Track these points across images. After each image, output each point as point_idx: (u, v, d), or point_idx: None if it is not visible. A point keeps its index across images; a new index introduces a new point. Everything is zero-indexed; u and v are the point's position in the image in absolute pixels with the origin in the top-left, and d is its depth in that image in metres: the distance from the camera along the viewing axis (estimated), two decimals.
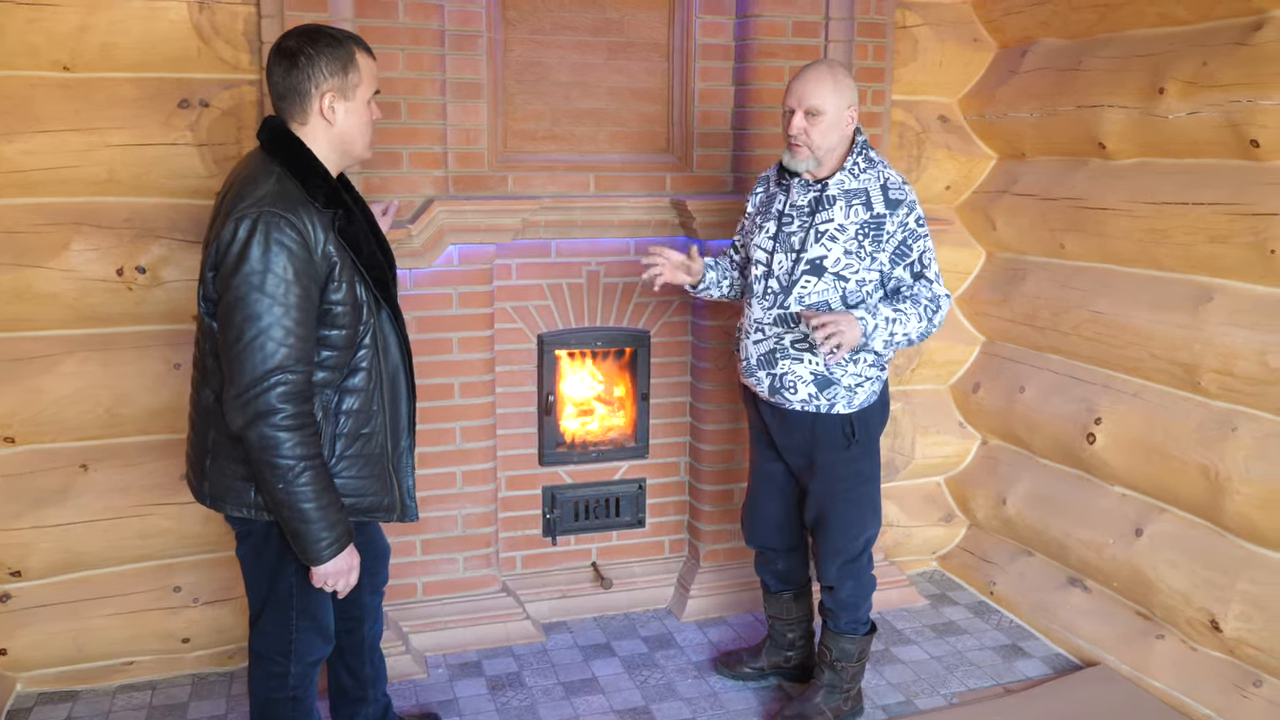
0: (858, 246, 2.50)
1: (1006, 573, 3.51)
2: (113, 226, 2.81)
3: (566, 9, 3.18)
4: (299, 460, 1.94)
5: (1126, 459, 3.03)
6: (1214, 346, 2.75)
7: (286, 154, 2.03)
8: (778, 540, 2.87)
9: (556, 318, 3.30)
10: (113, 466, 2.88)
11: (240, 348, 1.91)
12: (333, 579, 2.08)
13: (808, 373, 2.57)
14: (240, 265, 1.90)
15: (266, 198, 1.93)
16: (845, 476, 2.66)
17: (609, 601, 3.43)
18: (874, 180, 2.53)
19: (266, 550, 2.12)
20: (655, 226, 3.28)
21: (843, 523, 2.68)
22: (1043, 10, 3.23)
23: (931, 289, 2.51)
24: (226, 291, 1.92)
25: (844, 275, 2.51)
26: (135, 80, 2.79)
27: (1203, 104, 2.72)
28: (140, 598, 2.95)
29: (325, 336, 2.02)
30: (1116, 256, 3.08)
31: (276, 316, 1.90)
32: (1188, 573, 2.84)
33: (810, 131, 2.48)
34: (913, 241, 2.51)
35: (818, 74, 2.50)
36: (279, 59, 2.03)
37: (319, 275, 1.97)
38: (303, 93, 2.02)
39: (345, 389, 2.09)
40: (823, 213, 2.53)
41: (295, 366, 1.93)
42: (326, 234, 1.98)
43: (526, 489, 3.37)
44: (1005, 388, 3.48)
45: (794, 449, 2.70)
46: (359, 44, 2.09)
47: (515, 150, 3.21)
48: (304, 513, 1.97)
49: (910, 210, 2.51)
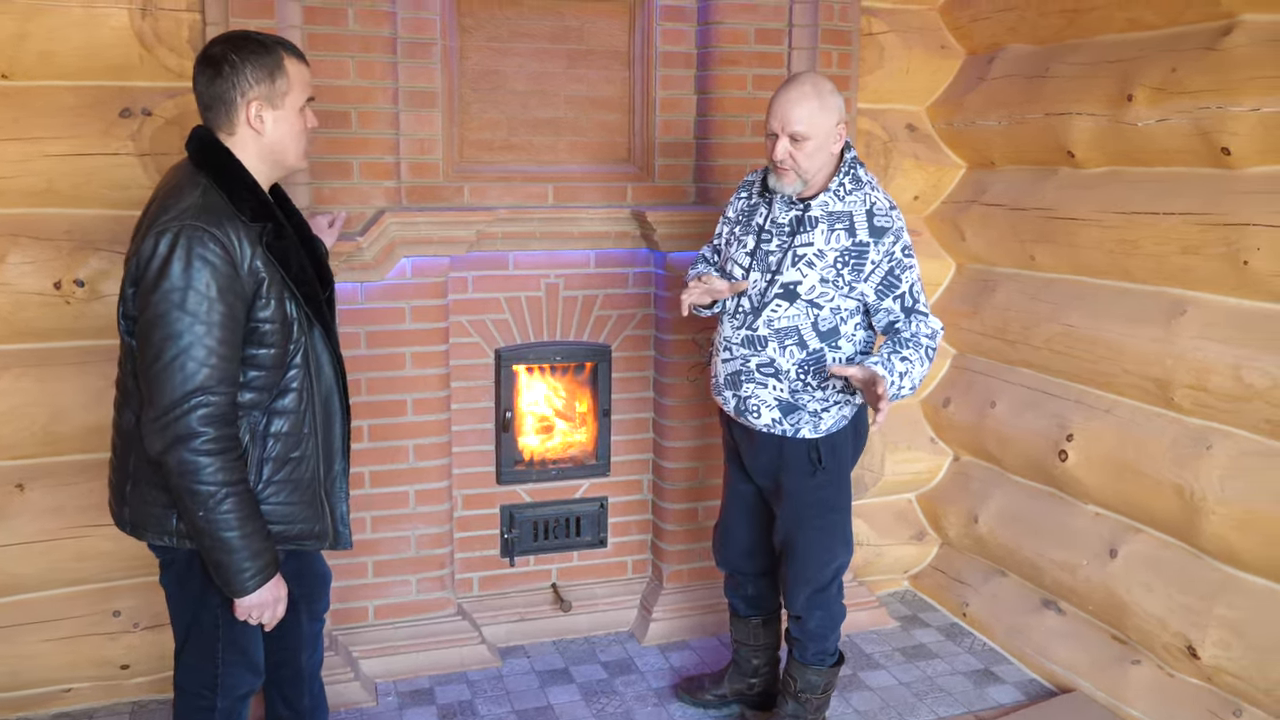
0: (835, 275, 2.37)
1: (980, 593, 3.41)
2: (51, 238, 2.74)
3: (525, 16, 3.11)
4: (220, 486, 1.86)
5: (1099, 477, 2.94)
6: (1187, 361, 2.67)
7: (213, 165, 1.95)
8: (748, 564, 2.77)
9: (515, 332, 3.22)
10: (49, 486, 2.80)
11: (159, 368, 1.82)
12: (257, 611, 1.98)
13: (771, 397, 2.47)
14: (160, 281, 1.82)
15: (190, 211, 1.85)
16: (811, 504, 2.55)
17: (569, 625, 3.33)
18: (860, 204, 2.39)
19: (189, 580, 2.03)
20: (616, 238, 3.21)
21: (810, 551, 2.58)
22: (1010, 16, 3.17)
23: (928, 322, 2.38)
24: (146, 309, 1.84)
25: (818, 303, 2.39)
26: (75, 88, 2.72)
27: (1172, 111, 2.65)
28: (78, 622, 2.86)
29: (252, 356, 1.93)
30: (1088, 268, 3.00)
31: (198, 335, 1.82)
32: (1163, 596, 2.74)
33: (796, 156, 2.34)
34: (901, 272, 2.37)
35: (801, 93, 2.32)
36: (203, 67, 1.95)
37: (245, 292, 1.88)
38: (228, 101, 1.94)
39: (274, 411, 2.00)
40: (803, 234, 2.40)
41: (218, 388, 1.84)
42: (254, 249, 1.90)
43: (483, 508, 3.28)
44: (976, 402, 3.39)
45: (761, 471, 2.60)
46: (289, 50, 2.00)
47: (471, 160, 3.13)
48: (226, 542, 1.88)
49: (897, 239, 2.37)
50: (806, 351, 2.41)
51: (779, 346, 2.42)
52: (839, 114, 2.37)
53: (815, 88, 2.34)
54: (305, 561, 2.29)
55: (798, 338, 2.41)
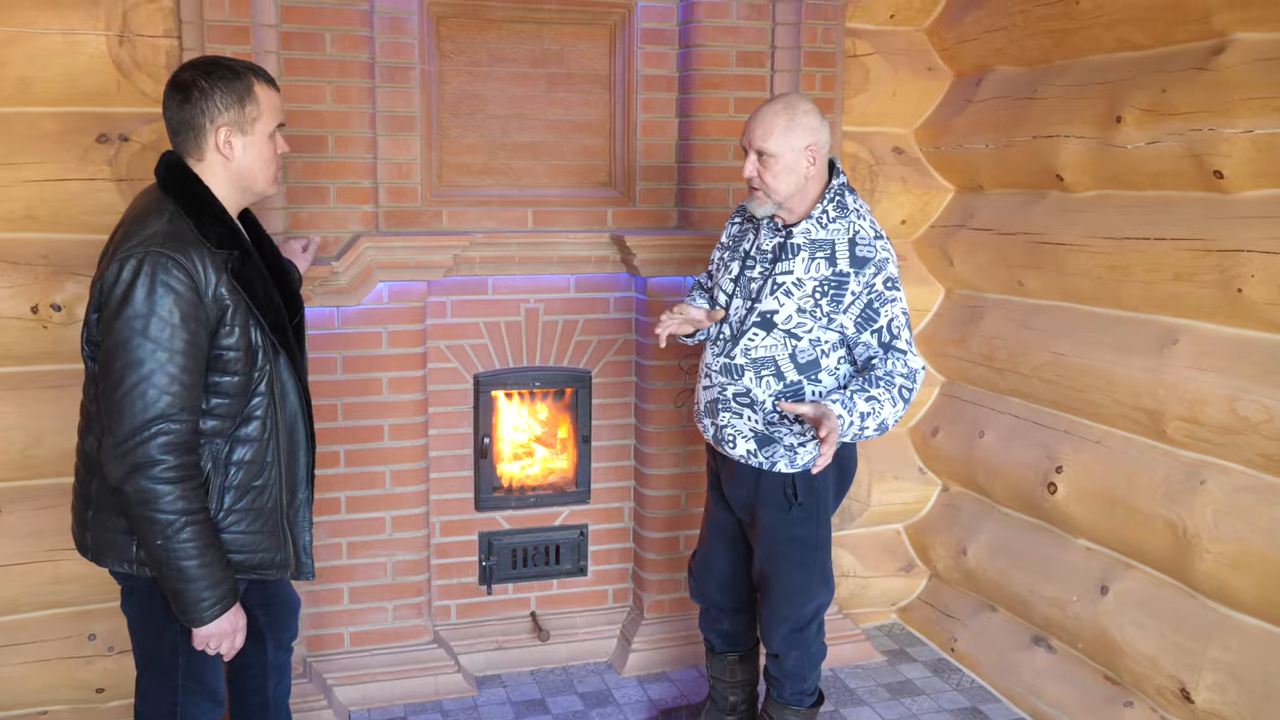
0: (813, 305, 2.28)
1: (968, 628, 3.31)
2: (29, 263, 2.75)
3: (505, 40, 3.10)
4: (179, 515, 1.85)
5: (1089, 511, 2.84)
6: (1179, 392, 2.57)
7: (181, 191, 1.95)
8: (725, 599, 2.69)
9: (494, 357, 3.19)
10: (26, 509, 2.80)
11: (120, 395, 1.82)
12: (215, 641, 1.97)
13: (747, 428, 2.39)
14: (123, 308, 1.82)
15: (155, 237, 1.85)
16: (787, 540, 2.45)
17: (547, 654, 3.28)
18: (843, 232, 2.29)
19: (149, 608, 2.02)
20: (596, 263, 3.17)
21: (787, 588, 2.49)
22: (998, 37, 3.10)
23: (905, 361, 2.26)
24: (108, 335, 1.84)
25: (795, 334, 2.30)
26: (54, 115, 2.74)
27: (1162, 133, 2.57)
28: (53, 645, 2.85)
29: (216, 383, 1.93)
30: (1077, 295, 2.91)
31: (160, 362, 1.82)
32: (1156, 636, 2.64)
33: (763, 175, 2.28)
34: (880, 305, 2.26)
35: (771, 112, 2.28)
36: (172, 92, 1.96)
37: (209, 319, 1.88)
38: (197, 127, 1.95)
39: (237, 439, 1.99)
40: (784, 262, 2.32)
41: (179, 415, 1.84)
42: (219, 275, 1.89)
43: (462, 535, 3.24)
44: (965, 432, 3.30)
45: (739, 502, 2.53)
46: (259, 75, 2.01)
47: (450, 185, 3.12)
48: (184, 571, 1.87)
49: (879, 270, 2.27)
50: (784, 383, 2.34)
51: (755, 376, 2.35)
52: (811, 136, 2.27)
53: (788, 106, 2.28)
54: (273, 589, 2.27)
55: (774, 368, 2.34)
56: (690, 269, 3.12)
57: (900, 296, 2.30)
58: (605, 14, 3.13)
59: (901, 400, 2.24)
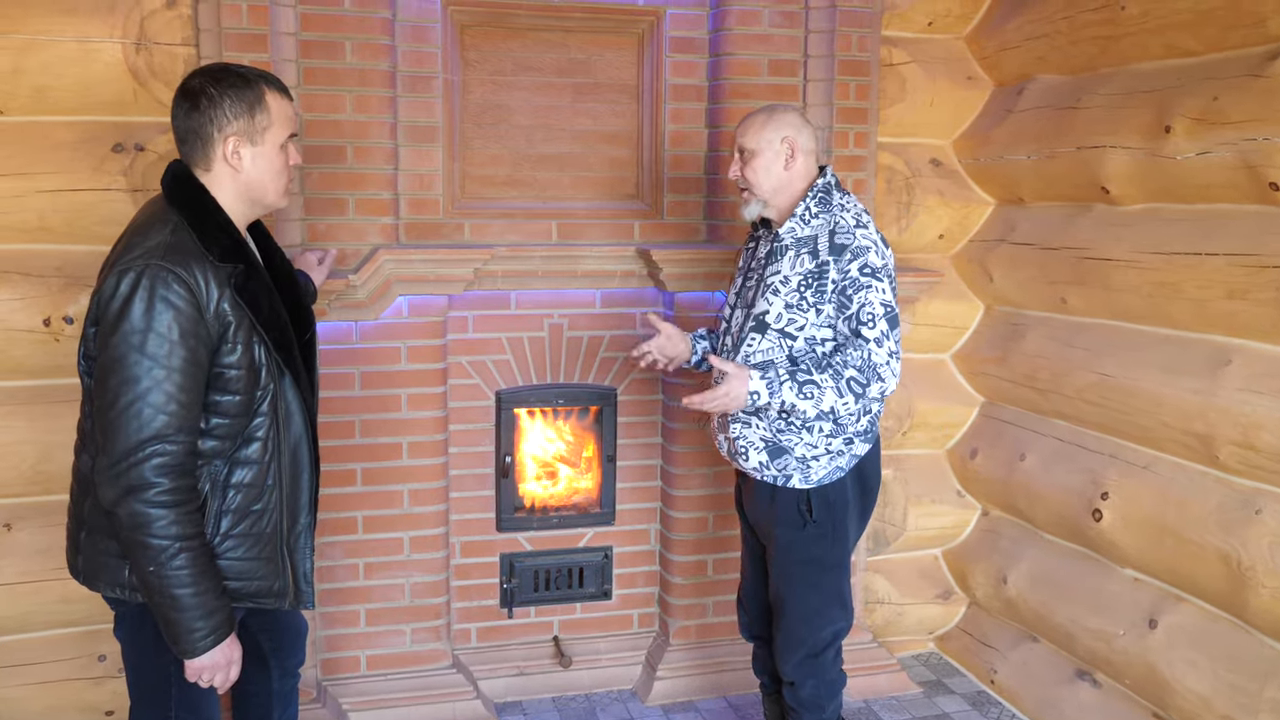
0: (799, 299, 2.27)
1: (1008, 660, 3.17)
2: (42, 275, 2.71)
3: (530, 49, 3.02)
4: (173, 540, 1.76)
5: (1137, 540, 2.71)
6: (1232, 415, 2.45)
7: (185, 202, 1.87)
8: (770, 631, 2.54)
9: (516, 373, 3.10)
10: (37, 526, 2.75)
11: (115, 414, 1.74)
12: (208, 674, 1.87)
13: (757, 437, 2.33)
14: (120, 323, 1.74)
15: (156, 249, 1.78)
16: (801, 560, 2.38)
17: (570, 680, 3.17)
18: (824, 226, 2.30)
19: (141, 635, 1.93)
20: (622, 277, 3.08)
21: (802, 611, 2.40)
22: (1040, 45, 2.99)
23: (866, 352, 2.20)
24: (104, 351, 1.76)
25: (789, 332, 2.28)
26: (70, 124, 2.71)
27: (1214, 143, 2.46)
28: (62, 666, 2.80)
29: (216, 403, 1.84)
30: (1124, 312, 2.79)
31: (157, 380, 1.73)
32: (1209, 674, 2.50)
33: (745, 173, 2.35)
34: (854, 292, 2.22)
35: (754, 114, 2.37)
36: (181, 99, 1.89)
37: (210, 336, 1.80)
38: (205, 136, 1.88)
39: (237, 460, 1.90)
40: (774, 264, 2.34)
41: (175, 436, 1.75)
42: (221, 290, 1.81)
43: (482, 556, 3.15)
44: (1005, 454, 3.18)
45: (758, 520, 2.45)
46: (271, 83, 1.93)
47: (473, 196, 3.04)
48: (177, 599, 1.78)
49: (856, 256, 2.23)
50: None
51: None
52: (789, 130, 2.32)
53: (769, 108, 2.38)
54: (278, 613, 2.18)
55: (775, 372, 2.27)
56: (719, 284, 3.02)
57: (880, 286, 2.23)
58: (633, 22, 3.05)
59: (850, 393, 2.20)
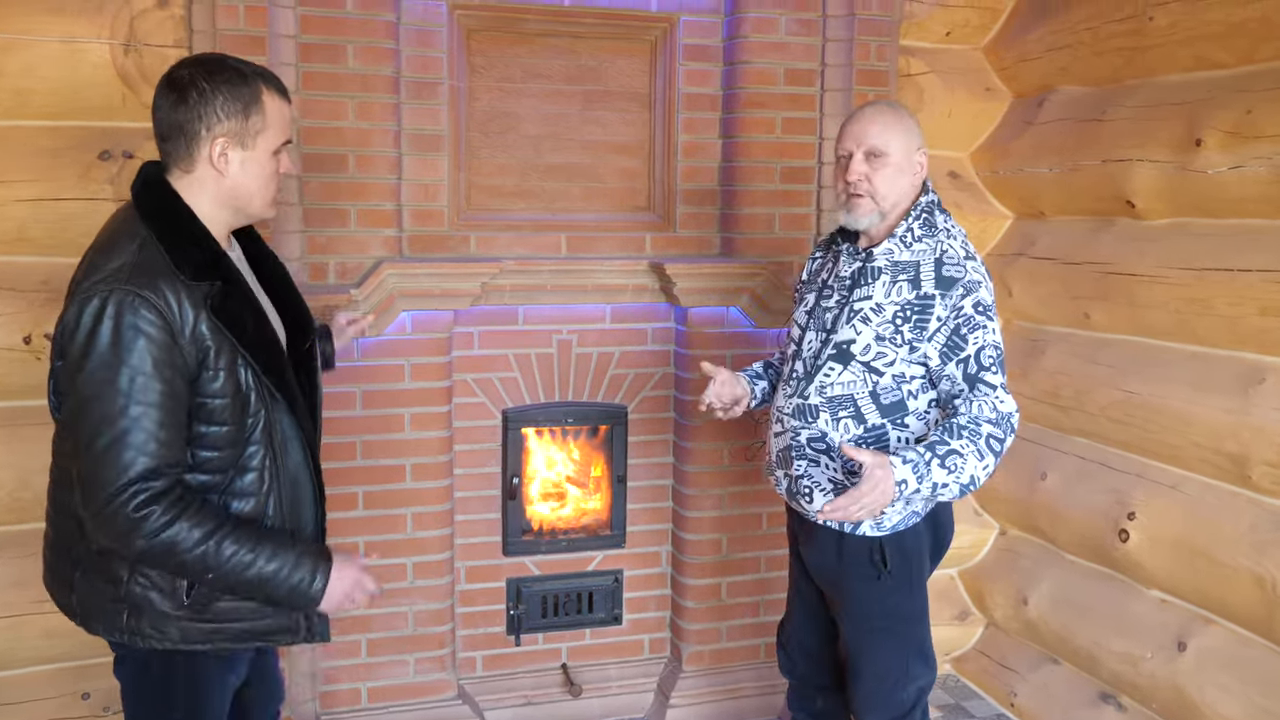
0: (894, 332, 2.04)
1: (1028, 682, 3.11)
2: (23, 290, 2.56)
3: (539, 55, 2.91)
4: (203, 541, 1.62)
5: (1166, 561, 2.66)
6: (1266, 435, 2.40)
7: (155, 212, 1.68)
8: (816, 674, 2.39)
9: (524, 391, 2.99)
10: (14, 557, 2.58)
11: (91, 458, 1.58)
12: (349, 602, 1.78)
13: (824, 478, 2.11)
14: (86, 359, 1.57)
15: (121, 272, 1.59)
16: (878, 614, 2.16)
17: (579, 710, 3.06)
18: (929, 253, 2.06)
19: (144, 682, 1.80)
20: (633, 291, 2.98)
21: (882, 669, 2.19)
22: (1062, 55, 2.94)
23: (994, 401, 1.98)
24: (73, 389, 1.59)
25: (876, 367, 2.06)
26: (53, 129, 2.56)
27: (1247, 157, 2.41)
28: (45, 705, 2.67)
29: (202, 435, 1.67)
30: (1150, 329, 2.74)
31: (134, 419, 1.57)
32: (1241, 700, 2.45)
33: (873, 178, 2.06)
34: (969, 332, 1.99)
35: (879, 110, 2.12)
36: (167, 91, 1.68)
37: (187, 364, 1.62)
38: (190, 134, 1.67)
39: (232, 492, 1.74)
40: (863, 288, 2.09)
41: (157, 476, 1.60)
42: (197, 312, 1.62)
43: (488, 581, 3.03)
44: (1025, 473, 3.12)
45: (820, 571, 2.24)
46: (270, 83, 1.74)
47: (480, 208, 2.93)
48: (257, 578, 1.67)
49: (969, 292, 2.01)
50: (864, 427, 2.07)
51: (831, 418, 2.10)
52: (921, 139, 2.14)
53: (894, 108, 2.17)
54: (268, 658, 2.05)
55: (853, 409, 2.08)
56: (733, 299, 2.93)
57: (993, 326, 2.04)
58: (646, 28, 2.96)
59: (990, 453, 1.95)
